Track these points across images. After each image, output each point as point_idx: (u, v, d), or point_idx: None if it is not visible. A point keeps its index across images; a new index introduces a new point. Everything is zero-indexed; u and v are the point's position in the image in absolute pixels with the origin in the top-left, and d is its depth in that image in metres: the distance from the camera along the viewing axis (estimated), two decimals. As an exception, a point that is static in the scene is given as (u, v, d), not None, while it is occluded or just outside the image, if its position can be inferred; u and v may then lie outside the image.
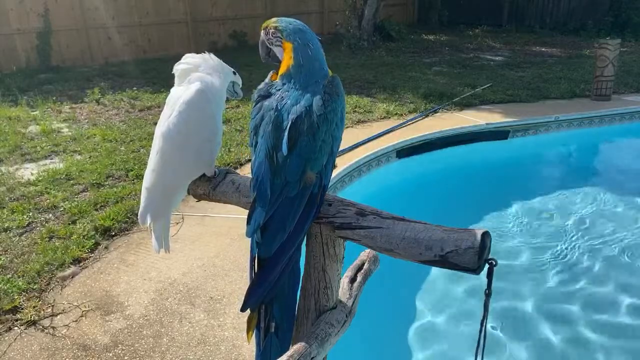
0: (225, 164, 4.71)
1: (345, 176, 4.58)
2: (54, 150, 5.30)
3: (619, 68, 7.42)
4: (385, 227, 1.23)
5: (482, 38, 12.89)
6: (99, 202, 4.06)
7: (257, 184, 1.31)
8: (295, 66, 1.34)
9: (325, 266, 1.39)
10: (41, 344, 2.60)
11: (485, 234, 1.11)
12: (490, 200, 4.90)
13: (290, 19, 1.41)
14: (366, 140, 5.36)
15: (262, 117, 1.33)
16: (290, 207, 1.29)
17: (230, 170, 1.61)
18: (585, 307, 3.41)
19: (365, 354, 3.05)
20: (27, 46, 9.53)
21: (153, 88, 7.95)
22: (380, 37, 12.06)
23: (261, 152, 1.31)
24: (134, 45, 10.77)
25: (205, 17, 11.58)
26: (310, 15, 13.13)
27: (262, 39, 1.43)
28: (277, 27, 1.37)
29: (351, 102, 6.83)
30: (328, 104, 1.30)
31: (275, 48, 1.40)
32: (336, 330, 1.41)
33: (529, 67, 9.41)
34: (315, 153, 1.28)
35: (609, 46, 6.91)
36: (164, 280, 3.11)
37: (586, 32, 13.03)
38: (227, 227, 3.69)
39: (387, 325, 3.27)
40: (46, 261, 3.25)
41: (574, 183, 5.39)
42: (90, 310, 2.85)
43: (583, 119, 6.42)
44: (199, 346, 2.55)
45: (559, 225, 4.42)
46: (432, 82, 8.15)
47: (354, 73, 8.85)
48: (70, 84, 8.32)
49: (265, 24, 1.41)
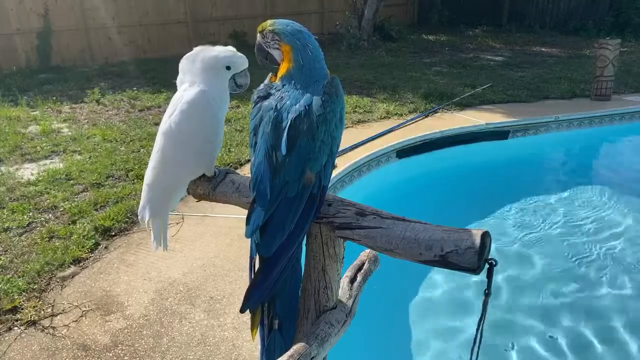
0: (225, 164, 4.72)
1: (345, 176, 4.57)
2: (54, 150, 5.30)
3: (619, 68, 7.42)
4: (385, 227, 1.23)
5: (482, 38, 12.89)
6: (99, 202, 4.06)
7: (256, 184, 1.31)
8: (296, 67, 1.33)
9: (325, 266, 1.39)
10: (41, 344, 2.60)
11: (485, 234, 1.11)
12: (490, 200, 4.90)
13: (287, 20, 1.39)
14: (366, 140, 5.36)
15: (262, 117, 1.33)
16: (289, 207, 1.29)
17: (230, 171, 1.61)
18: (585, 307, 3.41)
19: (366, 354, 3.05)
20: (27, 46, 9.54)
21: (153, 88, 7.95)
22: (380, 37, 12.06)
23: (260, 152, 1.31)
24: (134, 45, 10.77)
25: (205, 17, 11.58)
26: (310, 15, 13.13)
27: (258, 42, 1.42)
28: (275, 29, 1.35)
29: (351, 102, 6.84)
30: (327, 105, 1.30)
31: (273, 51, 1.39)
32: (336, 330, 1.41)
33: (529, 67, 9.41)
34: (314, 153, 1.28)
35: (609, 46, 6.91)
36: (164, 280, 3.11)
37: (586, 32, 13.04)
38: (228, 227, 3.69)
39: (387, 325, 3.27)
40: (46, 261, 3.25)
41: (574, 183, 5.39)
42: (90, 310, 2.85)
43: (583, 119, 6.42)
44: (199, 346, 2.55)
45: (559, 225, 4.41)
46: (432, 82, 8.15)
47: (354, 73, 8.85)
48: (70, 84, 8.32)
49: (261, 27, 1.40)
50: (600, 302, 3.47)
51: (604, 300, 3.49)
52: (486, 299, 1.18)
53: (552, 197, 4.98)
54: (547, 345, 3.09)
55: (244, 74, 1.56)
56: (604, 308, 3.41)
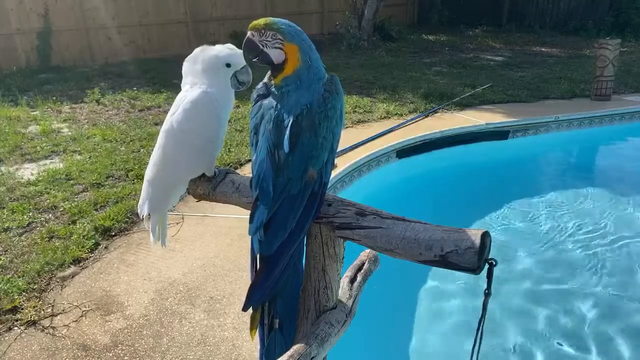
0: (225, 164, 4.72)
1: (345, 176, 4.58)
2: (54, 150, 5.30)
3: (619, 68, 7.42)
4: (385, 227, 1.23)
5: (482, 38, 12.89)
6: (99, 202, 4.06)
7: (259, 182, 1.31)
8: (304, 67, 1.32)
9: (325, 266, 1.39)
10: (41, 344, 2.60)
11: (485, 234, 1.11)
12: (490, 200, 4.90)
13: (284, 19, 1.37)
14: (366, 140, 5.36)
15: (262, 115, 1.33)
16: (292, 205, 1.29)
17: (230, 170, 1.61)
18: (585, 307, 3.41)
19: (366, 354, 3.05)
20: (27, 46, 9.54)
21: (153, 88, 7.95)
22: (380, 37, 12.06)
23: (262, 151, 1.31)
24: (134, 45, 10.77)
25: (205, 17, 11.59)
26: (310, 15, 13.13)
27: (251, 40, 1.34)
28: (276, 28, 1.33)
29: (351, 102, 6.84)
30: (328, 101, 1.30)
31: (271, 50, 1.33)
32: (336, 330, 1.41)
33: (529, 67, 9.41)
34: (316, 150, 1.29)
35: (609, 46, 6.91)
36: (164, 280, 3.11)
37: (586, 32, 13.04)
38: (228, 227, 3.69)
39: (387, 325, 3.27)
40: (46, 261, 3.25)
41: (574, 183, 5.39)
42: (90, 310, 2.85)
43: (583, 119, 6.42)
44: (199, 346, 2.55)
45: (559, 225, 4.41)
46: (432, 82, 8.15)
47: (354, 73, 8.85)
48: (70, 84, 8.32)
49: (255, 25, 1.34)
50: (600, 302, 3.47)
51: (604, 300, 3.49)
52: (486, 299, 1.18)
53: (552, 197, 4.98)
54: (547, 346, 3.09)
55: (245, 71, 1.54)
56: (604, 308, 3.40)
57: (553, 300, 3.49)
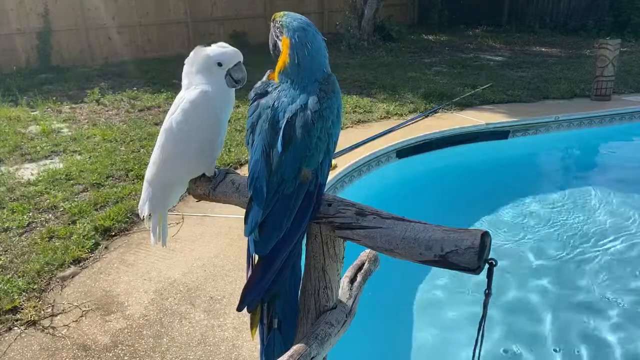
0: (225, 164, 4.72)
1: (345, 176, 4.58)
2: (54, 150, 5.30)
3: (619, 68, 7.42)
4: (385, 227, 1.23)
5: (482, 38, 12.89)
6: (99, 202, 4.06)
7: (253, 182, 1.31)
8: (291, 64, 1.32)
9: (325, 266, 1.39)
10: (41, 344, 2.60)
11: (485, 234, 1.11)
12: (490, 200, 4.90)
13: (298, 15, 1.38)
14: (366, 140, 5.36)
15: (259, 115, 1.33)
16: (286, 205, 1.29)
17: (230, 171, 1.61)
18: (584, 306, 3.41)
19: (366, 354, 3.05)
20: (27, 46, 9.53)
21: (153, 88, 7.95)
22: (380, 37, 12.06)
23: (257, 150, 1.31)
24: (134, 45, 10.77)
25: (205, 17, 11.58)
26: (310, 15, 13.06)
27: (270, 31, 1.42)
28: (282, 21, 1.35)
29: (351, 102, 6.84)
30: (324, 101, 1.30)
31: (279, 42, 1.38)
32: (336, 330, 1.41)
33: (529, 67, 9.41)
34: (310, 150, 1.28)
35: (609, 46, 6.91)
36: (164, 280, 3.11)
37: (586, 32, 13.04)
38: (228, 227, 3.69)
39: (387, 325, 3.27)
40: (46, 261, 3.25)
41: (574, 183, 5.39)
42: (90, 310, 2.85)
43: (583, 119, 6.42)
44: (199, 346, 2.55)
45: (559, 225, 4.41)
46: (432, 82, 8.15)
47: (353, 73, 8.85)
48: (70, 84, 8.31)
49: (274, 16, 1.40)
50: (600, 302, 3.47)
51: (604, 300, 3.49)
52: (486, 299, 1.18)
53: (552, 197, 4.98)
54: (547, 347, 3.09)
55: (239, 68, 1.52)
56: (604, 308, 3.40)
57: (553, 300, 3.49)
